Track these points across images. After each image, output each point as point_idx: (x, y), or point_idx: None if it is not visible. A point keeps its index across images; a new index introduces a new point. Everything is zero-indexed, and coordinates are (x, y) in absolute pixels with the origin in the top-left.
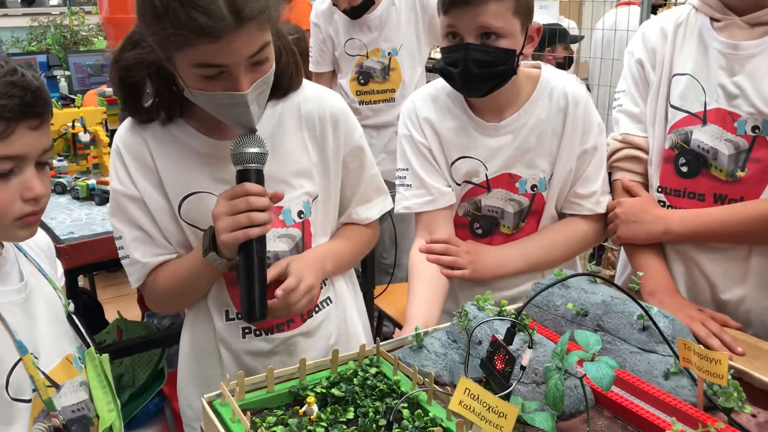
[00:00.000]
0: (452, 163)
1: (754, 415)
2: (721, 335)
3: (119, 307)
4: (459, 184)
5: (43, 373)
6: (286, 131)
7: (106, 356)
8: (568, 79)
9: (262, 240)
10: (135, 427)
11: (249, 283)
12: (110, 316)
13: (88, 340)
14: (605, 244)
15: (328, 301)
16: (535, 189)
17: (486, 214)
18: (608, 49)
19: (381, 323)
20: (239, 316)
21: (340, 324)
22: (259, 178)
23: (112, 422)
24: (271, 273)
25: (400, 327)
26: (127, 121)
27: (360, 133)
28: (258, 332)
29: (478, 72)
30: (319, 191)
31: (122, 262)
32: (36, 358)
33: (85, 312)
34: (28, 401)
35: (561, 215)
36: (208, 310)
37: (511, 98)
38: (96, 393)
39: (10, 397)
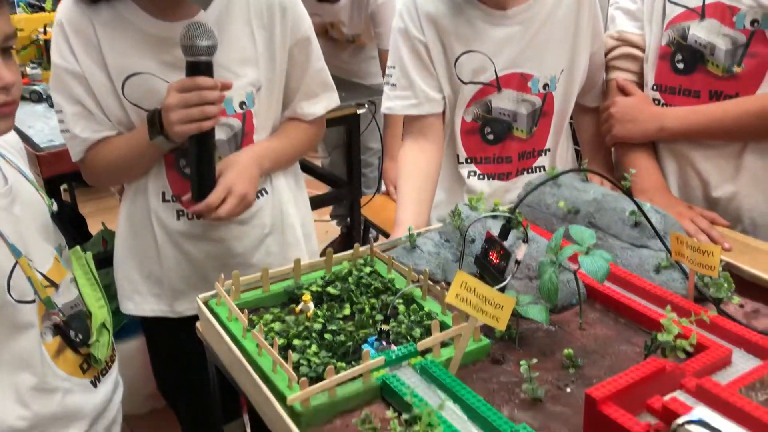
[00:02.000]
0: (456, 59)
1: (741, 305)
2: (710, 231)
3: (102, 220)
4: (465, 83)
5: (41, 274)
6: (232, 17)
7: (89, 254)
8: None
9: (211, 129)
10: (124, 336)
11: (199, 168)
12: (93, 229)
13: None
14: None
15: (263, 191)
16: (546, 88)
17: (497, 117)
18: None
19: (367, 233)
20: (174, 198)
21: (275, 215)
22: (209, 70)
23: (105, 319)
24: None
25: (387, 236)
26: None
27: (309, 24)
28: (191, 216)
29: None
30: (263, 82)
31: (63, 136)
32: (30, 260)
33: (69, 227)
34: (32, 302)
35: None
36: (147, 190)
37: None
38: (85, 290)
39: (15, 300)
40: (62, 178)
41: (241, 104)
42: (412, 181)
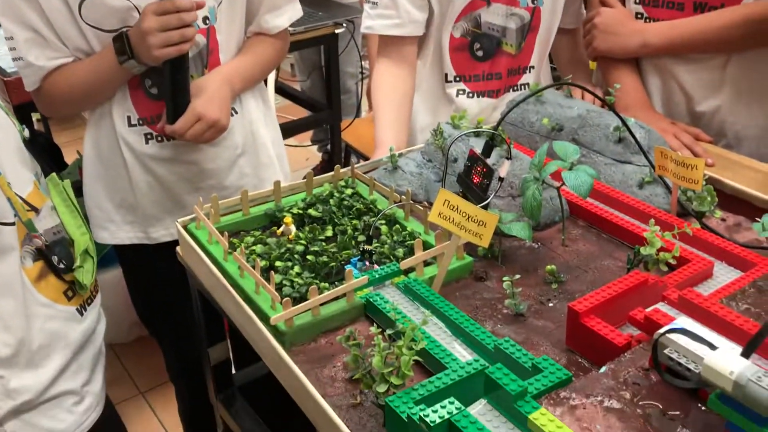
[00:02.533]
0: None
1: (723, 219)
2: (693, 147)
3: (78, 149)
4: None
5: (21, 198)
6: None
7: (67, 181)
8: None
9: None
10: (106, 265)
11: (174, 91)
12: (69, 159)
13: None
14: None
15: (233, 111)
16: (535, 2)
17: (487, 32)
18: None
19: (349, 158)
20: (141, 122)
21: (246, 135)
22: None
23: (87, 245)
24: None
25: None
26: None
27: None
28: (159, 138)
29: None
30: None
31: (15, 64)
32: (9, 182)
33: (44, 156)
34: (12, 224)
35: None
36: (111, 116)
37: None
38: (65, 218)
39: None
40: (33, 105)
41: (204, 19)
42: (390, 102)
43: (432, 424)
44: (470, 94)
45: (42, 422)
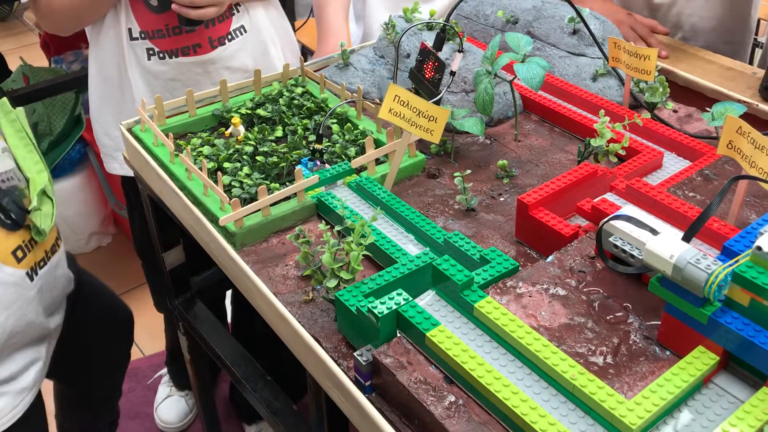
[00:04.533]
0: None
1: (675, 111)
2: (648, 39)
3: (21, 55)
4: None
5: None
6: None
7: (21, 110)
8: None
9: None
10: (59, 175)
11: None
12: (13, 66)
13: None
14: None
15: (242, 30)
16: None
17: None
18: None
19: (305, 58)
20: (143, 35)
21: (257, 57)
22: None
23: (45, 185)
24: None
25: None
26: None
27: None
28: (162, 54)
29: None
30: None
31: None
32: None
33: None
34: None
35: None
36: (113, 30)
37: None
38: (19, 153)
39: None
40: None
41: None
42: None
43: (380, 315)
44: None
45: None
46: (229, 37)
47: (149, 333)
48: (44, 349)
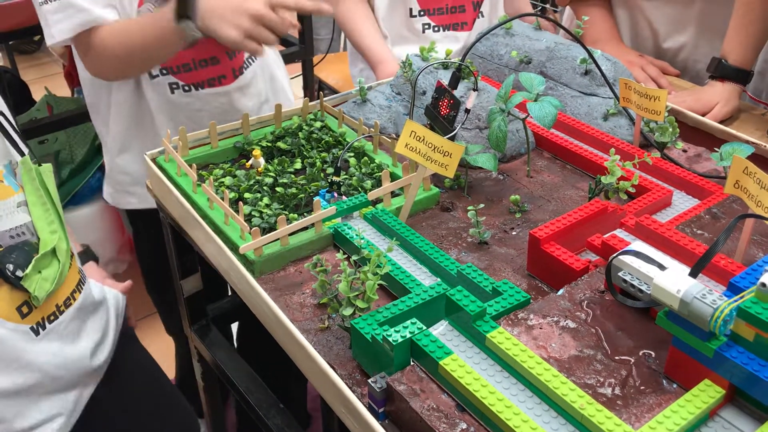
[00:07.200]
0: None
1: (684, 150)
2: (659, 79)
3: (46, 85)
4: None
5: None
6: None
7: (47, 166)
8: None
9: None
10: (78, 203)
11: None
12: (37, 96)
13: (21, 147)
14: (547, 6)
15: (252, 57)
16: None
17: None
18: None
19: (323, 93)
20: (164, 72)
21: (266, 82)
22: None
23: (55, 244)
24: None
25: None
26: None
27: None
28: (187, 88)
29: None
30: None
31: (47, 6)
32: None
33: (10, 93)
34: None
35: None
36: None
37: None
38: (34, 211)
39: None
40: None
41: None
42: (372, 23)
43: (394, 343)
44: (436, 28)
45: None
46: (245, 65)
47: (161, 359)
48: (72, 399)
